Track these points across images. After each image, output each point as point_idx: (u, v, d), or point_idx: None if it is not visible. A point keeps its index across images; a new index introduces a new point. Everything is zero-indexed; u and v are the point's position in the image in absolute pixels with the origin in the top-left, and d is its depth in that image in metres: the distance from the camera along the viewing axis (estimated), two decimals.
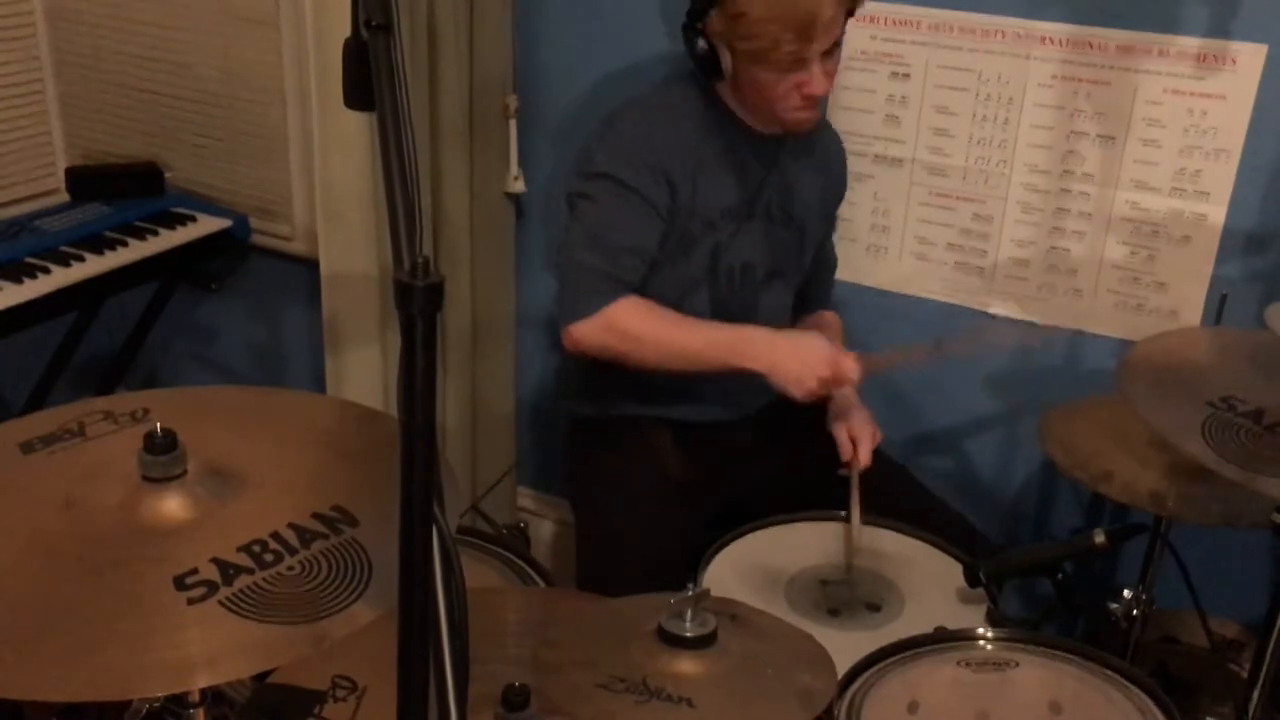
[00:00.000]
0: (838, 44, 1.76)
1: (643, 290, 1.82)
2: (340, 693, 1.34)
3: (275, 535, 1.08)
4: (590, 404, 2.02)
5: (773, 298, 1.99)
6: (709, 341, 1.80)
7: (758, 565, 1.72)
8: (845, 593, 1.69)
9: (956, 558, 1.74)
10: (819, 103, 1.82)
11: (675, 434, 1.96)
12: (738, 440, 2.00)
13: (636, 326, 1.77)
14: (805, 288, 2.10)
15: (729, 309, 1.95)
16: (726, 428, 1.99)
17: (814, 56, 1.72)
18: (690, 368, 1.80)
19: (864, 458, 1.88)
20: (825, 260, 2.13)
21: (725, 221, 1.89)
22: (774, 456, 2.00)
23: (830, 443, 1.97)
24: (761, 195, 1.92)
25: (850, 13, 1.76)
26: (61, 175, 2.64)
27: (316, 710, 1.32)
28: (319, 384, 2.33)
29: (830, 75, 1.77)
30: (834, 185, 2.07)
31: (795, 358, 1.73)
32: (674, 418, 1.97)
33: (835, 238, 2.16)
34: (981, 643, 1.52)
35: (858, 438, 1.90)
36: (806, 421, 2.05)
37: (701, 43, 1.78)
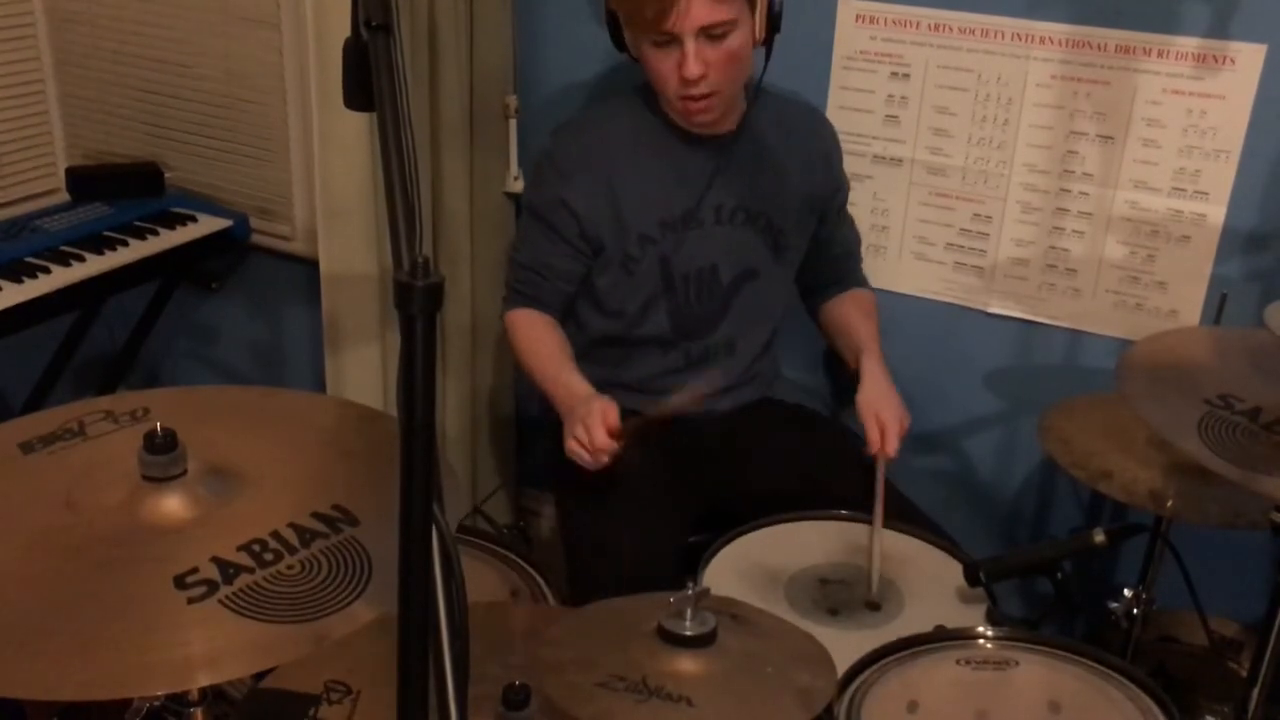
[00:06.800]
0: (726, 31, 1.73)
1: (602, 308, 1.97)
2: (334, 696, 1.34)
3: (275, 534, 1.08)
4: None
5: (745, 300, 1.99)
6: (542, 378, 1.91)
7: (758, 565, 1.72)
8: (845, 592, 1.69)
9: (956, 557, 1.74)
10: (716, 99, 1.80)
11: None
12: (712, 435, 2.00)
13: (515, 337, 1.98)
14: (820, 275, 2.10)
15: (691, 317, 1.96)
16: (698, 423, 1.98)
17: (686, 34, 1.71)
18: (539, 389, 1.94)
19: (890, 448, 1.83)
20: (836, 246, 2.09)
21: (667, 232, 1.90)
22: (753, 456, 1.99)
23: (814, 445, 1.97)
24: (708, 199, 1.91)
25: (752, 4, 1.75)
26: (62, 175, 2.64)
27: (311, 713, 1.31)
28: (319, 384, 2.33)
29: (714, 65, 1.75)
30: (821, 175, 2.02)
31: (567, 424, 1.78)
32: (640, 408, 1.97)
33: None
34: (981, 642, 1.52)
35: (885, 424, 1.84)
36: (791, 422, 2.05)
37: (608, 15, 1.84)
